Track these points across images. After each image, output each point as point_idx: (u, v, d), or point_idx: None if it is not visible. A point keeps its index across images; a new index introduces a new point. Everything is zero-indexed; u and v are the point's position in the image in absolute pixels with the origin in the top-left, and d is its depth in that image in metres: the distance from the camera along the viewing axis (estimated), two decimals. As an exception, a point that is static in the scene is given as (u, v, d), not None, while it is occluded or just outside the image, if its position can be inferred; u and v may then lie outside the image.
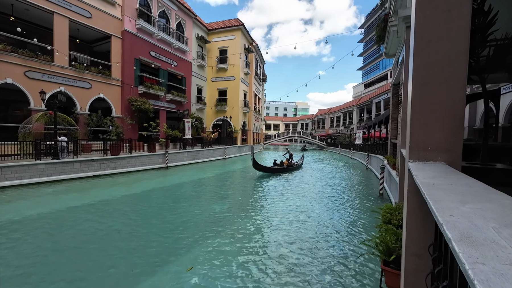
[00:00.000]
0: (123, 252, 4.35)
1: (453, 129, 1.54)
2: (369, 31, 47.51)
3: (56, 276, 3.55)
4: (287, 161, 15.21)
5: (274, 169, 13.70)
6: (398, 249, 2.53)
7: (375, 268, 3.92)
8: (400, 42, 7.06)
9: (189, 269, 3.84)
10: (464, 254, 0.51)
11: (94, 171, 11.23)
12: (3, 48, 10.78)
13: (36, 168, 9.36)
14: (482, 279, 0.42)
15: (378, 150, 15.53)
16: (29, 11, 12.78)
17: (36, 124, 10.93)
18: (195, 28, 24.12)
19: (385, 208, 3.50)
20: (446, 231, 0.64)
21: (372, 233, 5.23)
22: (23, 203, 7.14)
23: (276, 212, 6.82)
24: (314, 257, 4.27)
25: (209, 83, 27.19)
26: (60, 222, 5.73)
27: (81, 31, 14.98)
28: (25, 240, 4.73)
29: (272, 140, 51.35)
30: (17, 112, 13.21)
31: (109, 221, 5.89)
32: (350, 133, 38.95)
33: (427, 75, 1.58)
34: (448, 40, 1.52)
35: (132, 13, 16.71)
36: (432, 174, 1.33)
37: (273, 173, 13.46)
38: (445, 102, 1.54)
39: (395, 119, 9.67)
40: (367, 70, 51.65)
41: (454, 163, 1.54)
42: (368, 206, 7.70)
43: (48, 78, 12.40)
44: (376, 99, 31.66)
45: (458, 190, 1.02)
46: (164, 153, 14.99)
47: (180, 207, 7.32)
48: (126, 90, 16.28)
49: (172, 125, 20.47)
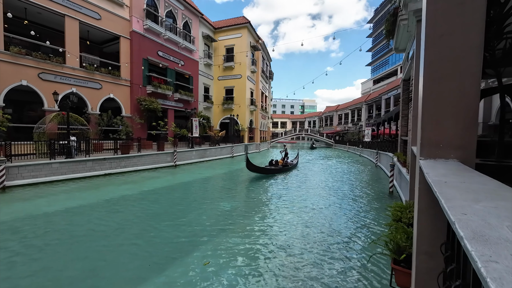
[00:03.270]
0: (137, 247, 4.48)
1: (467, 125, 1.49)
2: (378, 25, 46.41)
3: (75, 267, 3.68)
4: (282, 160, 14.38)
5: (269, 170, 12.82)
6: (409, 247, 2.49)
7: (384, 267, 3.87)
8: (411, 36, 6.87)
9: (206, 263, 3.91)
10: (476, 252, 0.51)
11: (106, 169, 11.53)
12: (18, 52, 11.17)
13: (50, 167, 9.69)
14: (495, 277, 0.42)
15: (388, 148, 15.24)
16: (42, 15, 13.16)
17: (50, 124, 11.30)
18: (202, 27, 24.22)
19: (395, 206, 3.45)
20: (458, 230, 0.63)
21: (381, 230, 5.16)
22: (39, 201, 7.42)
23: (284, 209, 6.83)
24: (323, 255, 4.26)
25: (216, 82, 27.31)
26: (74, 219, 5.93)
27: (91, 32, 15.32)
28: (42, 235, 4.92)
29: (279, 138, 51.20)
30: (32, 113, 13.70)
31: (122, 218, 6.06)
32: (358, 130, 38.34)
33: (439, 70, 1.53)
34: (462, 34, 1.47)
35: (139, 13, 16.94)
36: (444, 171, 1.30)
37: (268, 173, 12.62)
38: (458, 98, 1.50)
39: (406, 116, 9.46)
40: (376, 66, 50.58)
41: (467, 160, 1.50)
42: (377, 204, 7.60)
43: (61, 79, 12.78)
44: (386, 95, 31.01)
45: (471, 188, 1.00)
46: (173, 151, 15.21)
47: (191, 204, 7.44)
48: (135, 90, 16.58)
49: (180, 124, 20.71)
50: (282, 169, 13.64)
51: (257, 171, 12.21)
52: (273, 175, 12.68)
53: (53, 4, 12.52)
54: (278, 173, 13.16)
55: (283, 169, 13.74)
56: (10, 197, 7.62)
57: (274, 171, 13.04)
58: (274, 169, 13.13)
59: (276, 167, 13.43)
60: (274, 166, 13.47)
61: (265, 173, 12.54)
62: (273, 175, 12.67)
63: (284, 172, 13.56)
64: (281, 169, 13.54)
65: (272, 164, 13.65)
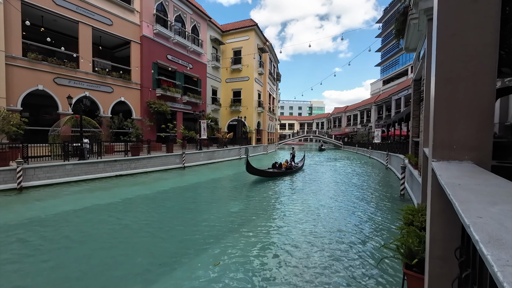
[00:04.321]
0: (149, 247, 4.56)
1: (482, 126, 1.45)
2: (387, 25, 45.68)
3: (88, 265, 3.78)
4: (286, 163, 13.67)
5: (271, 173, 12.12)
6: (421, 252, 2.42)
7: (396, 271, 3.78)
8: (422, 35, 6.73)
9: (216, 264, 3.93)
10: (493, 256, 0.49)
11: (116, 171, 11.80)
12: (35, 57, 11.64)
13: (64, 168, 10.01)
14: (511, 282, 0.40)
15: (399, 149, 14.91)
16: (57, 22, 13.68)
17: (64, 127, 11.69)
18: (210, 30, 24.54)
19: (407, 209, 3.37)
20: (473, 233, 0.62)
21: (392, 234, 5.04)
22: (54, 201, 7.66)
23: (293, 211, 6.78)
24: (332, 259, 4.20)
25: (223, 84, 27.55)
26: (88, 219, 6.09)
27: (103, 38, 15.79)
28: (57, 233, 5.08)
29: (287, 139, 50.99)
30: (47, 116, 14.22)
31: (133, 218, 6.17)
32: (368, 131, 37.70)
33: (451, 70, 1.50)
34: (475, 32, 1.43)
35: (149, 18, 17.34)
36: (458, 174, 1.26)
37: (269, 177, 11.99)
38: (472, 98, 1.46)
39: (417, 116, 9.24)
40: (385, 66, 49.73)
41: (482, 162, 1.45)
42: (388, 207, 7.43)
43: (74, 83, 13.22)
44: (396, 95, 30.39)
45: (487, 190, 0.97)
46: (181, 153, 15.41)
47: (200, 205, 7.51)
48: (144, 93, 16.94)
49: (189, 126, 20.98)
50: (285, 172, 13.02)
51: (258, 174, 11.77)
52: (279, 177, 12.28)
53: (68, 11, 13.00)
54: (280, 176, 12.55)
55: (287, 172, 13.13)
56: (27, 197, 7.91)
57: (276, 174, 12.38)
58: (276, 172, 12.48)
59: (280, 170, 12.87)
60: (277, 168, 12.92)
61: (266, 176, 11.98)
62: (279, 177, 12.28)
63: (290, 175, 13.09)
64: (284, 172, 12.93)
65: (275, 166, 13.08)
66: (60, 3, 12.63)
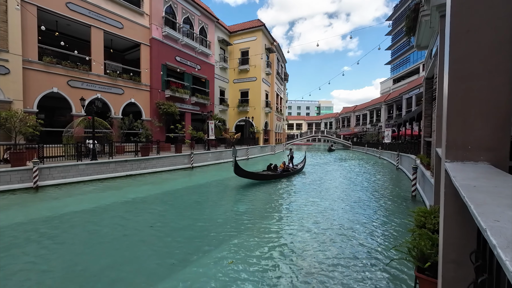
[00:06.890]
0: (161, 245, 4.65)
1: (498, 125, 1.39)
2: (397, 22, 44.69)
3: (103, 262, 3.89)
4: (284, 165, 12.63)
5: (261, 175, 11.13)
6: (434, 255, 2.35)
7: (406, 274, 3.68)
8: (434, 32, 6.54)
9: (230, 262, 3.97)
10: (511, 262, 0.47)
11: (127, 171, 12.06)
12: (50, 61, 12.06)
13: (78, 168, 10.31)
14: (534, 291, 0.38)
15: (410, 149, 14.55)
16: (70, 26, 14.13)
17: (77, 128, 12.06)
18: (217, 32, 24.72)
19: (419, 211, 3.28)
20: (490, 237, 0.59)
21: (403, 236, 4.92)
22: (68, 199, 7.91)
23: (301, 212, 6.74)
24: (341, 261, 4.14)
25: (231, 85, 27.68)
26: (101, 217, 6.26)
27: (114, 41, 16.20)
28: (72, 231, 5.25)
29: (295, 140, 50.69)
30: (61, 118, 14.70)
31: (144, 217, 6.31)
32: (377, 131, 36.98)
33: (465, 68, 1.45)
34: (490, 28, 1.38)
35: (158, 21, 17.64)
36: (473, 175, 1.22)
37: (260, 180, 10.98)
38: (488, 96, 1.41)
39: (429, 116, 8.98)
40: (396, 64, 48.59)
41: (500, 163, 1.39)
42: (399, 209, 7.27)
43: (87, 86, 13.61)
44: (407, 94, 29.67)
45: (505, 193, 0.93)
46: (190, 153, 15.58)
47: (208, 204, 7.58)
48: (154, 94, 17.24)
49: (197, 127, 21.20)
50: (280, 175, 11.91)
51: (248, 177, 10.67)
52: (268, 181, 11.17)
53: (81, 16, 13.41)
54: (274, 179, 11.54)
55: (282, 175, 12.03)
56: (44, 196, 8.20)
57: (268, 177, 11.34)
58: (270, 174, 11.50)
59: (275, 172, 11.87)
60: (272, 171, 11.93)
61: (258, 179, 10.95)
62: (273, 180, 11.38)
63: (285, 178, 12.06)
64: (279, 175, 11.83)
65: (270, 168, 12.05)
66: (73, 8, 13.04)
